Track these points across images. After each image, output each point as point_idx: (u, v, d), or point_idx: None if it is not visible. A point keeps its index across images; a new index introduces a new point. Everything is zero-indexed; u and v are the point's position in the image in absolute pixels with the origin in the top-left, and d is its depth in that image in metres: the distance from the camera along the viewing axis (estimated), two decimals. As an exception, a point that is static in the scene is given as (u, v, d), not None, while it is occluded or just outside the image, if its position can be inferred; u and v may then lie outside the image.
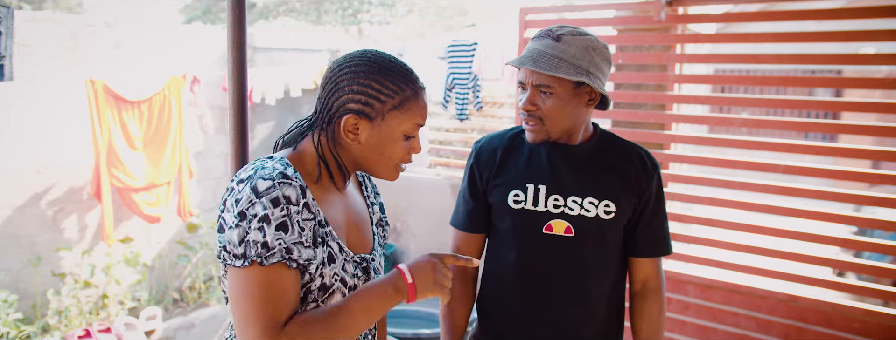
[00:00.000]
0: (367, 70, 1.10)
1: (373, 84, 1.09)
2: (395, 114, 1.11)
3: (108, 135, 3.88)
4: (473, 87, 4.23)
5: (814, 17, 2.60)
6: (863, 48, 7.07)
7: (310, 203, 1.06)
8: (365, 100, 1.09)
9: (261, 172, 1.03)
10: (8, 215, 3.76)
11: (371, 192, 1.34)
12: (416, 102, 1.13)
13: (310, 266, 1.05)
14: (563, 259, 1.47)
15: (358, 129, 1.10)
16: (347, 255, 1.14)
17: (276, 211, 1.00)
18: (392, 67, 1.12)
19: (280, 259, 0.99)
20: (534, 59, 1.37)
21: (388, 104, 1.10)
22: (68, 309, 3.80)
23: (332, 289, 1.10)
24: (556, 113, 1.40)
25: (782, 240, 2.68)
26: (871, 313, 2.50)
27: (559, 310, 1.49)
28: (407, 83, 1.12)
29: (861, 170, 2.54)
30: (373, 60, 1.11)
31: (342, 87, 1.10)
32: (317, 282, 1.08)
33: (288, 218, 1.01)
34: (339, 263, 1.11)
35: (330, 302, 1.09)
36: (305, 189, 1.06)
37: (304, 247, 1.03)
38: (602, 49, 1.40)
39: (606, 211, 1.45)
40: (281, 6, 12.27)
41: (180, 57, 4.48)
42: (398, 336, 3.35)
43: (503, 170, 1.52)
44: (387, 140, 1.12)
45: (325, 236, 1.09)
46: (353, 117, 1.09)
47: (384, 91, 1.09)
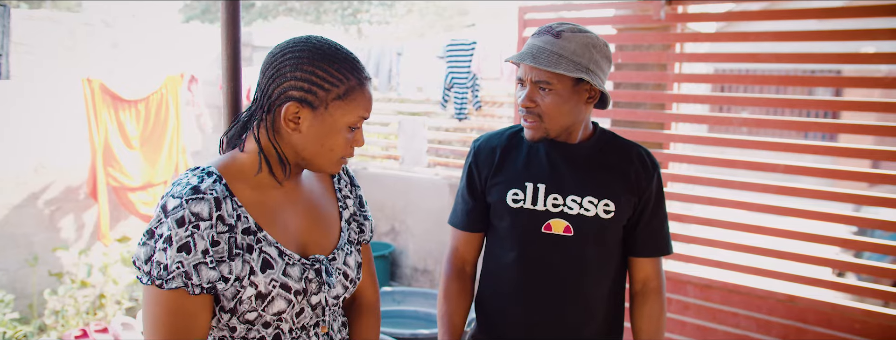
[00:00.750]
0: (311, 56, 1.04)
1: (317, 71, 1.03)
2: (339, 105, 1.05)
3: (104, 135, 3.87)
4: (472, 87, 4.22)
5: (813, 16, 2.59)
6: (862, 47, 7.07)
7: (226, 215, 1.01)
8: (308, 87, 1.03)
9: (174, 188, 1.01)
10: (5, 214, 3.75)
11: (346, 185, 1.28)
12: (361, 93, 1.07)
13: (220, 284, 1.00)
14: (562, 258, 1.46)
15: (299, 118, 1.05)
16: (291, 258, 1.08)
17: (180, 232, 0.96)
18: (338, 55, 1.06)
19: (180, 284, 0.97)
20: (533, 55, 1.36)
21: (333, 93, 1.04)
22: (65, 309, 3.79)
23: (271, 296, 1.05)
24: (554, 110, 1.39)
25: (782, 240, 2.67)
26: (870, 313, 2.49)
27: (558, 310, 1.48)
28: (353, 72, 1.06)
29: (861, 170, 2.53)
30: (318, 46, 1.05)
31: (284, 73, 1.04)
32: (248, 291, 1.03)
33: (191, 238, 0.97)
34: (277, 268, 1.06)
35: (270, 310, 1.05)
36: (222, 200, 1.01)
37: (209, 268, 0.98)
38: (602, 47, 1.39)
39: (606, 211, 1.44)
40: (280, 6, 12.26)
41: (178, 56, 4.47)
42: (396, 337, 3.33)
43: (502, 169, 1.51)
44: (329, 131, 1.06)
45: (254, 243, 1.04)
46: (294, 105, 1.03)
47: (329, 79, 1.04)
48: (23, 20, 3.67)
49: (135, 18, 8.88)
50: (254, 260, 1.04)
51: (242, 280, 1.02)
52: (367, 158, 5.22)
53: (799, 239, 2.61)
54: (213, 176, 1.04)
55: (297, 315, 1.10)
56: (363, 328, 1.29)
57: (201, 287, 0.98)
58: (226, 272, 1.01)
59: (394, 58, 4.60)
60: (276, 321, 1.08)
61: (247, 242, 1.04)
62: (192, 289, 0.98)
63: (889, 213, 4.39)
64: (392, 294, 4.10)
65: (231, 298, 1.03)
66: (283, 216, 1.11)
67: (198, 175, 1.04)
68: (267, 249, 1.06)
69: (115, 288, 4.07)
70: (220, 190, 1.02)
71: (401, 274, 4.86)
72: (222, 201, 1.01)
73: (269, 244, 1.06)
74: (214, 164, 1.08)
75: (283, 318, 1.08)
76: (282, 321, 1.09)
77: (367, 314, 1.31)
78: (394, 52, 4.60)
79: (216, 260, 0.99)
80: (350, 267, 1.19)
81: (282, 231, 1.09)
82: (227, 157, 1.10)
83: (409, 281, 4.81)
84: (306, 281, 1.09)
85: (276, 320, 1.08)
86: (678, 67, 2.93)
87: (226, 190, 1.03)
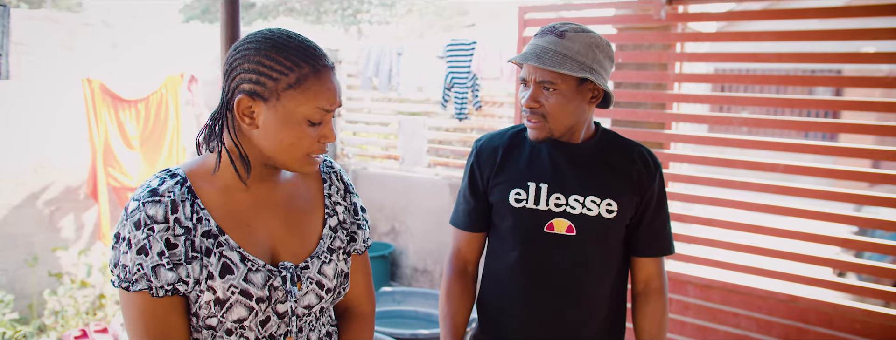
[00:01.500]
0: (259, 46, 0.99)
1: (264, 60, 0.98)
2: (292, 95, 0.99)
3: (104, 135, 3.87)
4: (472, 87, 4.21)
5: (814, 15, 2.59)
6: (863, 47, 7.07)
7: (183, 217, 0.99)
8: (256, 78, 0.98)
9: (137, 191, 1.01)
10: (4, 214, 3.75)
11: (338, 191, 1.21)
12: (317, 81, 1.00)
13: (181, 286, 0.99)
14: (564, 258, 1.45)
15: (253, 112, 1.00)
16: (254, 264, 1.04)
17: (137, 234, 0.97)
18: (289, 43, 1.00)
19: (144, 287, 0.97)
20: (537, 56, 1.36)
21: (283, 82, 0.98)
22: (65, 309, 3.79)
23: (230, 303, 1.01)
24: (559, 110, 1.38)
25: (782, 240, 2.66)
26: (871, 313, 2.49)
27: (560, 310, 1.47)
28: (305, 59, 1.00)
29: (861, 170, 2.53)
30: (269, 36, 1.00)
31: (235, 67, 1.00)
32: (205, 296, 1.01)
33: (147, 241, 0.97)
34: (238, 274, 1.02)
35: (229, 317, 1.02)
36: (179, 202, 0.99)
37: (166, 270, 0.97)
38: (605, 46, 1.39)
39: (608, 210, 1.44)
40: (280, 6, 12.26)
41: (178, 56, 4.46)
42: (396, 337, 3.33)
43: (504, 169, 1.50)
44: (285, 123, 1.00)
45: (214, 247, 1.02)
46: (245, 98, 0.99)
47: (277, 67, 0.98)
48: (22, 20, 3.67)
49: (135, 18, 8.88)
50: (212, 265, 1.01)
51: (200, 284, 1.00)
52: (367, 158, 5.22)
53: (799, 238, 2.60)
54: (177, 178, 1.03)
55: (263, 324, 1.06)
56: (353, 338, 1.24)
57: (163, 290, 0.98)
58: (183, 275, 0.99)
59: (394, 59, 4.60)
60: (239, 328, 1.05)
61: (206, 245, 1.01)
62: (155, 291, 0.98)
63: (890, 213, 4.38)
64: (392, 295, 4.10)
65: (193, 302, 1.02)
66: (253, 220, 1.07)
67: (160, 176, 1.03)
68: (227, 254, 1.03)
69: (114, 289, 4.06)
70: (180, 192, 1.01)
71: (401, 274, 4.85)
72: (179, 203, 1.00)
73: (231, 248, 1.03)
74: (184, 166, 1.07)
75: (246, 326, 1.05)
76: (245, 329, 1.05)
77: (358, 323, 1.26)
78: (394, 52, 4.60)
79: (173, 262, 0.98)
80: (326, 276, 1.13)
81: (247, 235, 1.06)
82: (199, 159, 1.08)
83: (409, 281, 4.80)
84: (271, 288, 1.05)
85: (238, 327, 1.04)
86: (678, 67, 2.93)
87: (187, 192, 1.02)
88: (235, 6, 1.55)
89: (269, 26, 5.95)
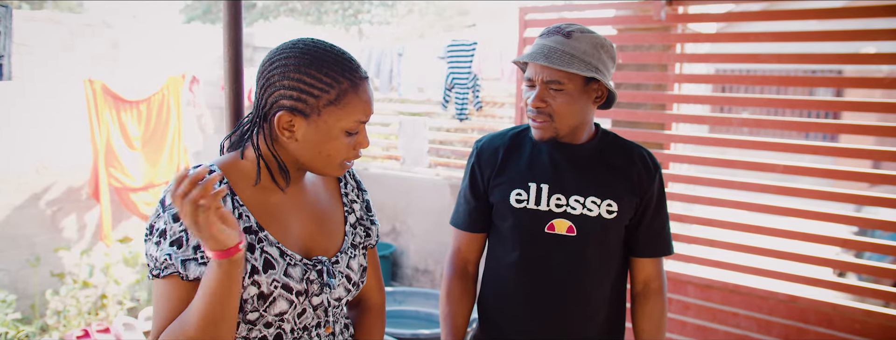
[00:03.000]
0: (297, 62, 1.00)
1: (304, 78, 1.00)
2: (332, 110, 1.01)
3: (106, 135, 3.88)
4: (473, 87, 4.22)
5: (814, 16, 2.59)
6: (863, 48, 7.06)
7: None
8: (297, 95, 1.00)
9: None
10: (7, 215, 3.76)
11: (353, 189, 1.26)
12: (355, 95, 1.03)
13: None
14: (564, 258, 1.46)
15: (293, 127, 1.02)
16: (292, 259, 1.07)
17: (175, 227, 0.98)
18: (326, 57, 1.02)
19: (174, 271, 0.98)
20: (545, 55, 1.36)
21: (323, 99, 1.01)
22: (67, 309, 3.80)
23: (273, 297, 1.04)
24: (565, 109, 1.39)
25: (782, 241, 2.67)
26: (871, 313, 2.49)
27: (560, 310, 1.48)
28: (343, 74, 1.02)
29: (861, 170, 2.53)
30: (305, 51, 1.02)
31: (273, 83, 1.01)
32: (249, 291, 1.02)
33: (185, 233, 0.98)
34: (278, 269, 1.05)
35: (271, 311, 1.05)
36: (221, 199, 0.99)
37: (197, 264, 0.98)
38: (609, 47, 1.41)
39: (609, 211, 1.45)
40: (281, 6, 12.26)
41: (179, 57, 4.47)
42: (397, 337, 3.34)
43: (505, 169, 1.51)
44: (325, 137, 1.03)
45: (256, 242, 1.04)
46: (286, 114, 1.01)
47: (318, 85, 1.00)
48: (24, 21, 3.68)
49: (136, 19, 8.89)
50: (256, 260, 1.03)
51: (243, 279, 1.02)
52: (368, 159, 5.22)
53: (799, 239, 2.61)
54: (216, 174, 1.03)
55: (299, 316, 1.10)
56: (368, 329, 1.29)
57: (193, 278, 0.99)
58: None
59: (395, 59, 4.61)
60: (278, 321, 1.07)
61: (248, 241, 1.03)
62: (184, 277, 0.99)
63: (889, 213, 4.39)
64: (393, 295, 4.11)
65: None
66: (286, 218, 1.10)
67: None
68: (268, 249, 1.05)
69: (116, 289, 4.07)
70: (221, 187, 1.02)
71: (402, 274, 4.86)
72: (221, 199, 1.00)
73: (271, 244, 1.05)
74: (218, 162, 1.08)
75: (285, 319, 1.08)
76: (284, 321, 1.08)
77: (372, 315, 1.31)
78: (395, 52, 4.61)
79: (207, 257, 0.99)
80: (353, 270, 1.18)
81: (284, 232, 1.09)
82: (229, 157, 1.10)
83: (410, 281, 4.81)
84: (308, 281, 1.09)
85: (277, 320, 1.07)
86: (679, 68, 2.93)
87: (227, 188, 1.03)
88: (238, 6, 1.55)
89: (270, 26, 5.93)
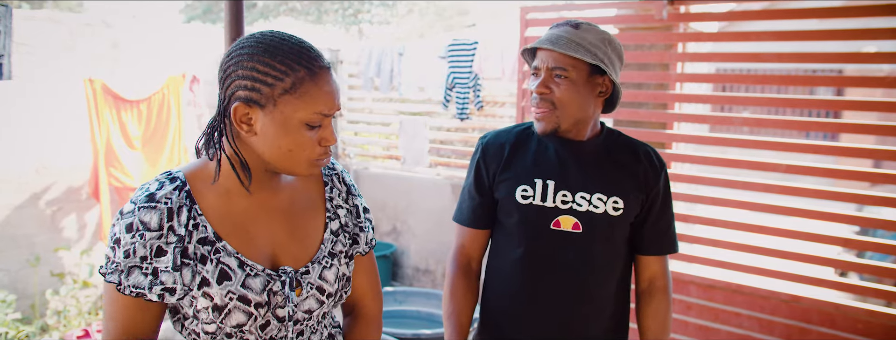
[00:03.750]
0: (251, 51, 0.96)
1: (258, 66, 0.95)
2: (288, 100, 0.96)
3: (106, 135, 3.87)
4: (474, 87, 4.22)
5: (815, 15, 2.59)
6: (864, 47, 7.06)
7: (177, 225, 0.99)
8: (251, 84, 0.96)
9: (135, 193, 1.01)
10: (6, 215, 3.75)
11: (340, 194, 1.20)
12: (313, 85, 0.97)
13: (148, 293, 0.99)
14: (569, 255, 1.45)
15: (251, 119, 0.98)
16: (253, 269, 1.03)
17: (126, 237, 0.98)
18: (281, 46, 0.97)
19: (115, 281, 0.99)
20: (552, 41, 1.39)
21: (278, 87, 0.96)
22: (67, 309, 3.79)
23: (228, 309, 1.01)
24: (568, 98, 1.40)
25: (784, 240, 2.66)
26: (874, 313, 2.49)
27: (564, 308, 1.47)
28: (299, 62, 0.97)
29: (863, 170, 2.53)
30: (260, 40, 0.98)
31: (230, 74, 0.98)
32: (201, 302, 1.00)
33: (134, 246, 0.97)
34: (235, 280, 1.01)
35: (228, 323, 1.02)
36: (175, 210, 0.99)
37: (140, 273, 0.97)
38: (618, 46, 1.43)
39: (615, 208, 1.44)
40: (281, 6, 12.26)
41: (180, 56, 4.47)
42: (398, 337, 3.33)
43: (511, 165, 1.50)
44: (283, 129, 0.98)
45: (211, 254, 1.01)
46: (242, 105, 0.97)
47: (272, 72, 0.95)
48: (24, 20, 3.67)
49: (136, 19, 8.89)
50: (209, 272, 1.01)
51: (192, 290, 1.00)
52: (368, 158, 5.22)
53: (801, 238, 2.60)
54: (176, 183, 1.02)
55: (263, 328, 1.06)
56: (359, 338, 1.24)
57: (129, 290, 0.98)
58: (169, 283, 0.99)
59: (395, 59, 4.60)
60: (239, 333, 1.04)
61: (201, 252, 1.01)
62: (122, 289, 0.99)
63: (891, 213, 4.38)
64: (394, 295, 4.10)
65: (187, 306, 1.02)
66: (252, 225, 1.06)
67: (160, 180, 1.03)
68: (225, 260, 1.02)
69: (116, 289, 4.07)
70: (177, 198, 1.00)
71: (402, 274, 4.86)
72: (175, 211, 0.99)
73: (228, 254, 1.02)
74: (185, 169, 1.06)
75: (246, 330, 1.04)
76: (245, 333, 1.05)
77: (364, 324, 1.26)
78: (395, 52, 4.60)
79: (154, 268, 0.98)
80: (327, 281, 1.12)
81: (247, 241, 1.05)
82: (199, 162, 1.07)
83: (410, 281, 4.81)
84: (270, 293, 1.04)
85: (238, 332, 1.04)
86: (680, 67, 2.93)
87: (186, 197, 1.01)
88: (239, 6, 1.55)
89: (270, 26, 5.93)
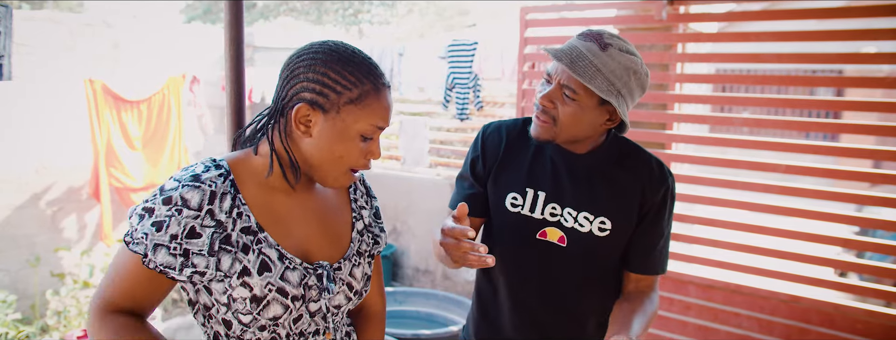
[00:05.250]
0: (325, 58, 1.01)
1: (330, 72, 1.00)
2: (352, 110, 1.01)
3: (106, 135, 3.87)
4: (474, 87, 4.22)
5: (815, 16, 2.59)
6: (864, 47, 7.06)
7: (218, 210, 0.99)
8: (320, 89, 1.00)
9: (178, 172, 1.02)
10: (7, 215, 3.75)
11: (362, 195, 1.25)
12: (376, 99, 1.03)
13: (172, 273, 0.98)
14: (552, 266, 1.42)
15: (310, 121, 1.01)
16: (292, 262, 1.06)
17: (162, 209, 0.97)
18: (354, 58, 1.02)
19: (141, 251, 0.97)
20: (572, 59, 1.26)
21: (345, 96, 1.00)
22: (67, 310, 3.79)
23: (267, 300, 1.02)
24: (571, 120, 1.31)
25: (784, 240, 2.66)
26: (873, 313, 2.49)
27: (545, 317, 1.45)
28: (368, 77, 1.02)
29: (863, 170, 2.53)
30: (334, 49, 1.02)
31: (298, 75, 1.01)
32: (239, 291, 1.01)
33: (168, 220, 0.96)
34: (275, 272, 1.03)
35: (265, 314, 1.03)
36: (219, 195, 1.00)
37: (168, 253, 0.96)
38: (643, 76, 1.30)
39: (601, 228, 1.38)
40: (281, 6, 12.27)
41: (180, 57, 4.47)
42: (398, 337, 3.33)
43: (506, 168, 1.46)
44: (340, 137, 1.02)
45: (253, 243, 1.03)
46: (305, 107, 1.00)
47: (342, 81, 1.00)
48: (24, 21, 3.67)
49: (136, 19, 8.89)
50: (250, 261, 1.02)
51: (230, 278, 1.00)
52: (368, 158, 5.22)
53: (801, 239, 2.60)
54: (222, 170, 1.03)
55: (295, 322, 1.08)
56: (369, 337, 1.28)
57: (158, 266, 0.97)
58: (201, 266, 0.99)
59: (395, 59, 4.60)
60: (273, 325, 1.05)
61: (244, 241, 1.02)
62: (147, 261, 0.97)
63: (891, 213, 4.38)
64: (394, 295, 4.10)
65: (222, 293, 1.02)
66: (290, 220, 1.09)
67: (206, 164, 1.04)
68: (266, 251, 1.03)
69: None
70: (222, 184, 1.01)
71: (402, 274, 4.86)
72: (218, 196, 1.00)
73: (270, 245, 1.04)
74: (227, 158, 1.07)
75: (280, 323, 1.06)
76: (278, 326, 1.06)
77: (372, 323, 1.30)
78: (395, 52, 4.61)
79: (184, 249, 0.97)
80: (356, 278, 1.16)
81: (285, 234, 1.07)
82: (240, 154, 1.09)
83: (410, 281, 4.81)
84: (306, 287, 1.07)
85: (272, 324, 1.05)
86: (680, 67, 2.93)
87: (230, 186, 1.02)
88: (239, 6, 1.55)
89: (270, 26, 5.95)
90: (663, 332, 2.94)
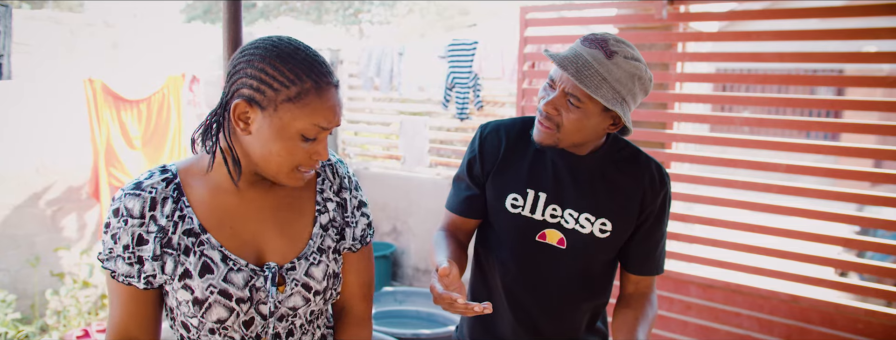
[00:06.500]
0: (264, 53, 0.97)
1: (267, 68, 0.96)
2: (289, 108, 0.97)
3: (106, 135, 3.87)
4: (474, 87, 4.22)
5: (815, 15, 2.58)
6: (864, 46, 7.06)
7: (160, 215, 1.01)
8: (257, 85, 0.96)
9: (127, 182, 1.06)
10: (6, 215, 3.75)
11: (331, 186, 1.17)
12: (317, 98, 0.97)
13: (135, 281, 1.02)
14: (550, 268, 1.42)
15: (249, 118, 0.98)
16: (236, 264, 1.04)
17: (113, 221, 1.01)
18: (295, 54, 0.98)
19: (110, 268, 1.03)
20: (578, 68, 1.24)
21: (282, 94, 0.96)
22: (67, 309, 3.80)
23: (209, 303, 1.01)
24: (574, 127, 1.30)
25: (784, 240, 2.66)
26: (874, 313, 2.49)
27: (539, 317, 1.45)
28: (309, 74, 0.97)
29: (863, 169, 2.53)
30: (277, 44, 0.98)
31: (239, 70, 0.98)
32: (182, 294, 1.01)
33: (119, 231, 1.01)
34: (217, 274, 1.02)
35: (209, 318, 1.03)
36: (159, 200, 1.02)
37: (125, 263, 1.01)
38: (646, 81, 1.30)
39: (602, 230, 1.38)
40: (281, 6, 12.27)
41: (180, 56, 4.47)
42: (398, 337, 3.33)
43: (506, 169, 1.45)
44: (278, 135, 0.98)
45: (194, 245, 1.02)
46: (243, 103, 0.97)
47: (279, 78, 0.96)
48: (24, 20, 3.67)
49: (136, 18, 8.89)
50: (191, 263, 1.01)
51: (174, 281, 1.02)
52: (368, 158, 5.22)
53: (801, 238, 2.60)
54: (167, 174, 1.05)
55: (246, 325, 1.05)
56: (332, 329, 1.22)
57: (122, 278, 1.02)
58: (149, 271, 1.02)
59: (395, 58, 4.60)
60: (221, 329, 1.04)
61: (185, 244, 1.02)
62: (116, 277, 1.03)
63: (891, 213, 4.38)
64: (393, 294, 4.10)
65: (170, 297, 1.05)
66: (239, 221, 1.06)
67: (151, 171, 1.06)
68: (208, 252, 1.02)
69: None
70: (163, 189, 1.03)
71: (402, 273, 4.86)
72: (159, 201, 1.02)
73: (212, 247, 1.03)
74: (180, 163, 1.09)
75: (229, 326, 1.04)
76: (227, 329, 1.04)
77: (353, 328, 1.22)
78: (395, 51, 4.60)
79: (137, 257, 1.01)
80: (314, 278, 1.10)
81: (232, 235, 1.05)
82: (195, 157, 1.09)
83: (410, 280, 4.81)
84: (253, 288, 1.04)
85: (220, 327, 1.03)
86: (680, 67, 2.93)
87: (174, 189, 1.04)
88: (238, 6, 1.55)
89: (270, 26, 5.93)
90: (664, 332, 2.94)
